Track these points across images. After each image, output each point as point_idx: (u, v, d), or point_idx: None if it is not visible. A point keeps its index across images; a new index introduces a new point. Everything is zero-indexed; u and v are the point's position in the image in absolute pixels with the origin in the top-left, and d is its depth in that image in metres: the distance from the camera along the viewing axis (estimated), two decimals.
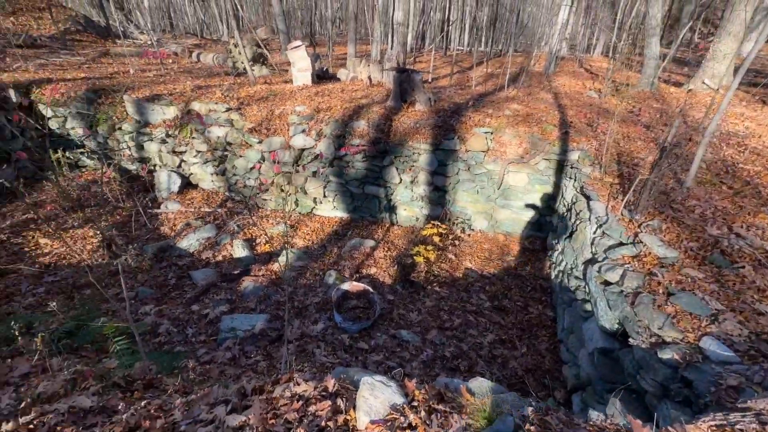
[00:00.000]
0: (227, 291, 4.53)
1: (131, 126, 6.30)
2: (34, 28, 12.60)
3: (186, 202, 6.06)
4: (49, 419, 1.91)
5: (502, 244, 5.75)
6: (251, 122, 5.87)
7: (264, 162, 5.80)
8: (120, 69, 9.07)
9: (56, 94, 6.57)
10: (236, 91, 6.75)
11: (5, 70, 7.70)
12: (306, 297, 4.51)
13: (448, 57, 16.74)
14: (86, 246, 5.02)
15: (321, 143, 5.57)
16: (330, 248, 5.38)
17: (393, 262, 5.11)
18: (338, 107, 6.05)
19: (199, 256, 5.09)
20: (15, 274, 4.42)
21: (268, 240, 5.42)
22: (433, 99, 6.00)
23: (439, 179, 5.55)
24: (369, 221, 5.98)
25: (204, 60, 11.54)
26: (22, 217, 5.44)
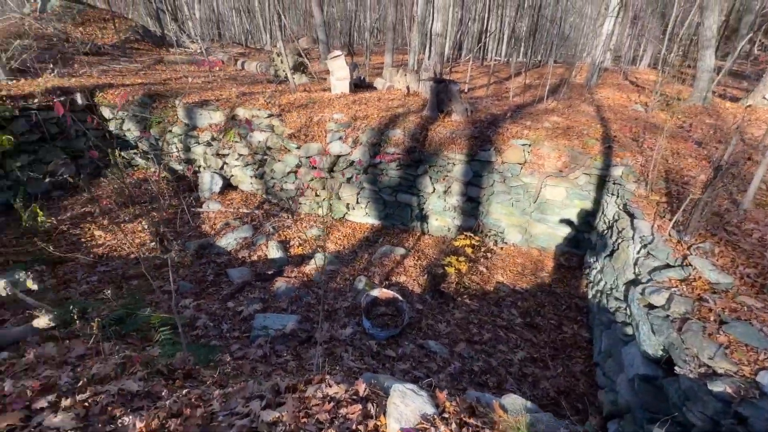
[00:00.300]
0: (261, 290, 4.68)
1: (180, 129, 6.70)
2: (99, 37, 13.72)
3: (226, 202, 6.35)
4: (102, 399, 2.05)
5: (536, 259, 5.59)
6: (291, 128, 6.09)
7: (301, 167, 5.98)
8: (172, 75, 9.70)
9: (117, 98, 7.12)
10: (278, 98, 7.02)
11: (73, 75, 8.44)
12: (336, 301, 4.58)
13: (484, 67, 16.63)
14: (135, 239, 5.36)
15: (357, 150, 5.68)
16: (361, 254, 5.44)
17: (423, 272, 5.09)
18: (375, 116, 6.15)
19: (236, 255, 5.30)
20: (72, 263, 4.79)
21: (301, 243, 5.57)
22: (470, 109, 5.97)
23: (473, 190, 5.50)
24: (400, 229, 6.00)
25: (248, 68, 12.09)
26: (80, 210, 5.90)
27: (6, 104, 6.06)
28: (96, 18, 14.91)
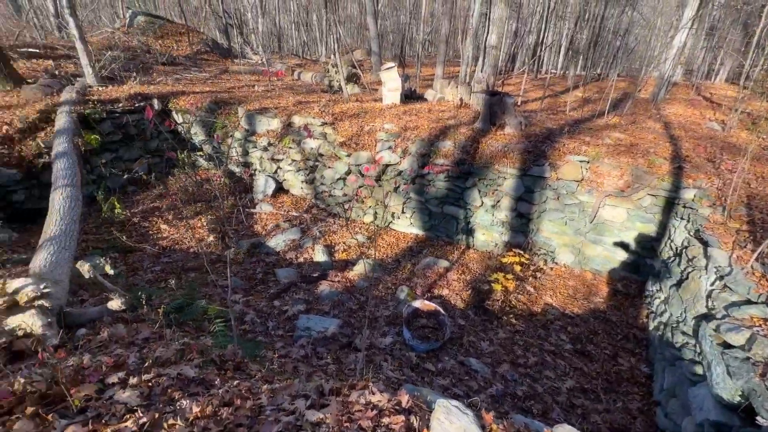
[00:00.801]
0: (305, 292, 4.82)
1: (241, 134, 7.16)
2: (175, 49, 15.06)
3: (277, 204, 6.64)
4: (163, 381, 2.19)
5: (590, 282, 5.25)
6: (342, 137, 6.27)
7: (350, 174, 6.13)
8: (236, 84, 10.41)
9: (187, 105, 7.77)
10: (331, 107, 7.28)
11: (151, 83, 9.33)
12: (377, 309, 4.59)
13: (539, 80, 16.14)
14: (195, 235, 5.76)
15: (405, 160, 5.72)
16: (404, 264, 5.43)
17: (467, 286, 4.97)
18: (425, 127, 6.17)
19: (283, 256, 5.51)
20: (140, 252, 5.24)
21: (346, 248, 5.67)
22: (524, 123, 5.81)
23: (523, 206, 5.31)
24: (444, 241, 5.92)
25: (303, 78, 12.65)
26: (150, 205, 6.46)
27: (96, 108, 6.83)
28: (173, 32, 16.40)
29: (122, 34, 14.62)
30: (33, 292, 2.37)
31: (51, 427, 1.74)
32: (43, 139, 6.12)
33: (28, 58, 10.87)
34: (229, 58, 16.36)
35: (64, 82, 8.64)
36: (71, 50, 12.09)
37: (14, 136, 5.96)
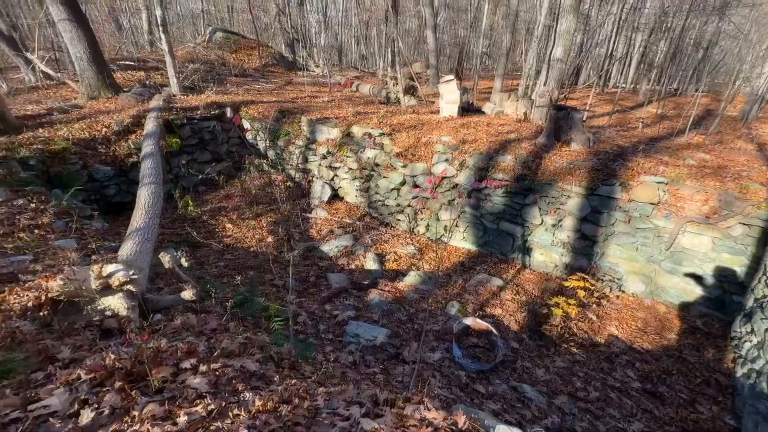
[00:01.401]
0: (355, 298, 4.87)
1: (302, 142, 7.51)
2: (246, 62, 16.27)
3: (332, 211, 6.84)
4: (228, 372, 2.31)
5: (662, 316, 4.75)
6: (399, 147, 6.34)
7: (405, 185, 6.16)
8: (299, 95, 10.98)
9: (255, 113, 8.33)
10: (389, 118, 7.41)
11: (225, 93, 10.14)
12: (426, 322, 4.51)
13: (606, 95, 15.25)
14: (255, 235, 6.09)
15: (462, 174, 5.63)
16: (455, 279, 5.31)
17: (521, 307, 4.73)
18: (484, 140, 6.05)
19: (336, 261, 5.63)
20: (207, 248, 5.64)
21: (397, 258, 5.67)
22: (592, 140, 5.48)
23: (588, 227, 4.97)
24: (498, 259, 5.71)
25: (362, 90, 13.02)
26: (217, 204, 6.96)
27: (179, 114, 7.55)
28: (246, 46, 17.74)
29: (202, 49, 16.10)
30: (124, 278, 2.63)
31: (134, 402, 1.90)
32: (134, 141, 6.86)
33: (125, 70, 12.34)
34: (293, 70, 17.35)
35: (153, 91, 9.67)
36: (159, 63, 13.53)
37: (111, 137, 6.76)
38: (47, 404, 1.82)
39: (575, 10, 9.01)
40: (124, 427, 1.77)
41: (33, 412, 1.78)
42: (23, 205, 4.37)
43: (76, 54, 8.61)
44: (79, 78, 8.97)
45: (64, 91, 10.24)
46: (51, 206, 4.52)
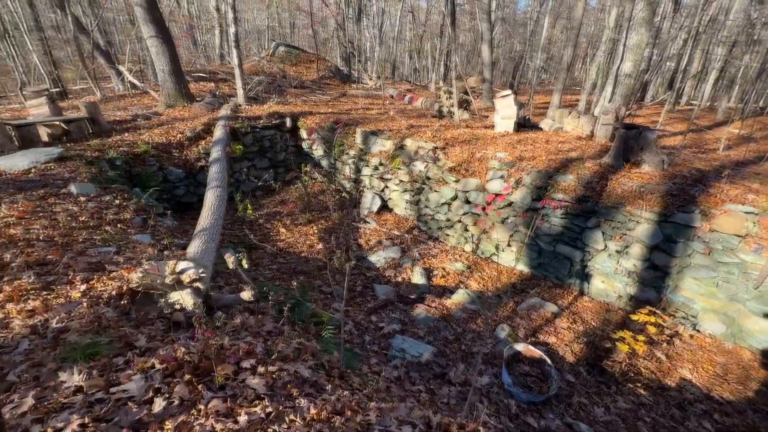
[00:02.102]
0: (401, 312, 4.83)
1: (355, 153, 7.69)
2: (305, 75, 17.10)
3: (381, 222, 6.89)
4: (284, 375, 2.36)
5: (747, 363, 4.20)
6: (452, 162, 6.27)
7: (456, 200, 6.06)
8: (353, 107, 11.30)
9: (311, 123, 8.69)
10: (443, 132, 7.37)
11: (285, 104, 10.69)
12: (473, 343, 4.36)
13: (677, 112, 14.12)
14: (306, 241, 6.29)
15: (518, 192, 5.44)
16: (505, 301, 5.09)
17: (578, 338, 4.41)
18: (542, 158, 5.81)
19: (382, 273, 5.64)
20: (261, 250, 5.90)
21: (444, 275, 5.57)
22: (666, 162, 5.06)
23: (659, 257, 4.55)
24: (553, 283, 5.40)
25: (414, 103, 13.12)
26: (273, 209, 7.30)
27: (243, 123, 8.06)
28: (305, 60, 18.65)
29: (266, 62, 17.18)
30: (194, 275, 2.81)
31: (200, 396, 2.00)
32: (203, 146, 7.42)
33: (197, 81, 13.46)
34: (347, 82, 17.94)
35: (222, 100, 10.44)
36: (228, 75, 14.61)
37: (184, 142, 7.36)
38: (126, 389, 1.97)
39: (648, 22, 8.49)
40: (191, 419, 1.86)
41: (114, 394, 1.93)
42: (109, 201, 4.86)
43: (159, 67, 9.55)
44: (160, 88, 9.91)
45: (146, 100, 11.38)
46: (132, 203, 4.98)
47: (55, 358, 2.13)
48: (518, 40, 29.22)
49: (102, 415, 1.81)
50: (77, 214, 4.28)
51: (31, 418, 1.75)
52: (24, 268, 2.97)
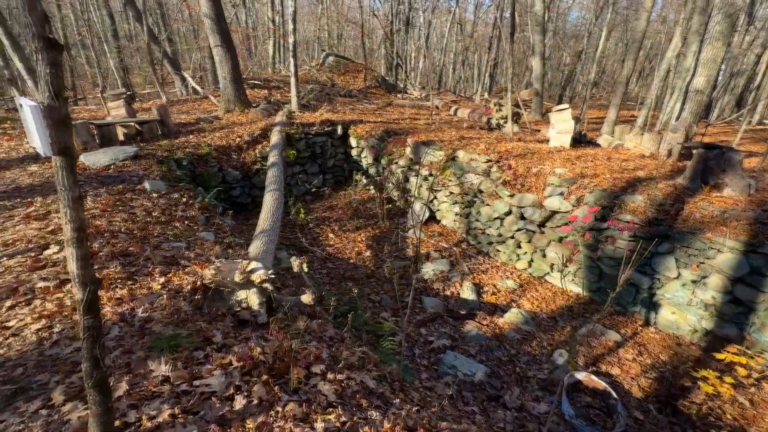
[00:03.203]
0: (451, 327, 4.70)
1: (405, 162, 7.69)
2: (352, 84, 17.48)
3: (428, 233, 6.82)
4: (352, 385, 2.34)
5: None
6: (506, 176, 6.10)
7: (510, 215, 5.87)
8: (399, 116, 11.36)
9: (362, 132, 8.82)
10: (495, 145, 7.21)
11: (335, 112, 10.95)
12: (528, 367, 4.15)
13: (747, 132, 13.00)
14: (354, 248, 6.33)
15: (579, 210, 5.18)
16: (561, 324, 4.83)
17: (646, 372, 4.08)
18: (606, 176, 5.52)
19: (431, 285, 5.55)
20: (311, 254, 6.01)
21: (495, 292, 5.38)
22: (753, 186, 4.62)
23: (743, 291, 4.13)
24: (614, 309, 5.05)
25: (460, 114, 12.97)
26: (322, 214, 7.44)
27: (298, 130, 8.32)
28: (353, 69, 19.09)
29: (315, 71, 17.77)
30: (264, 276, 2.88)
31: (277, 397, 2.01)
32: (260, 150, 7.73)
33: (252, 88, 14.11)
34: (393, 92, 18.14)
35: (276, 107, 10.88)
36: (280, 83, 15.24)
37: (243, 146, 7.71)
38: (209, 383, 2.02)
39: (725, 36, 7.93)
40: (270, 420, 1.87)
41: (198, 388, 1.99)
42: (178, 199, 5.15)
43: (221, 74, 10.12)
44: (221, 94, 10.49)
45: (205, 104, 12.10)
46: (198, 202, 5.25)
47: (143, 347, 2.24)
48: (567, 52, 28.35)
49: (189, 407, 1.86)
50: (150, 209, 4.57)
51: (127, 404, 1.83)
52: (110, 257, 3.19)
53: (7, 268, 2.98)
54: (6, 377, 2.01)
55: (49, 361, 2.12)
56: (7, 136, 7.04)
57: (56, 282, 2.78)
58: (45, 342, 2.25)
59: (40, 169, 5.39)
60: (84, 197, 4.51)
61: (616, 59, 29.46)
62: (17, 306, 2.55)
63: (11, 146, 6.40)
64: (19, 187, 4.76)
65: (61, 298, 2.61)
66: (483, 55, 28.45)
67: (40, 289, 2.70)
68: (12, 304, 2.56)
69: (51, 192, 4.63)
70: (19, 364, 2.10)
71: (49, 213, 4.06)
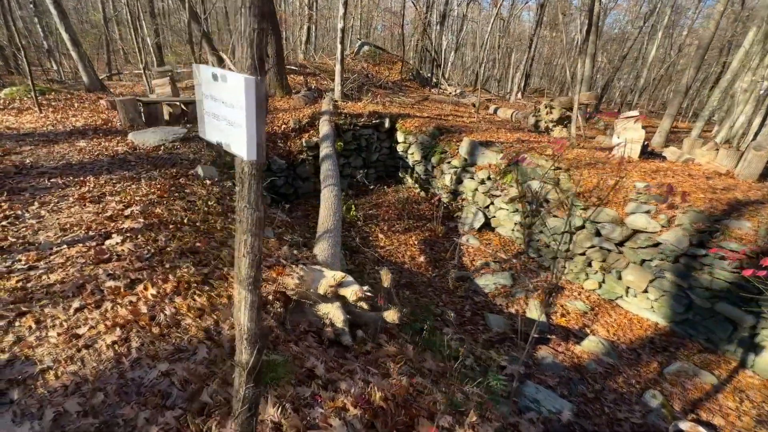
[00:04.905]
0: (522, 351, 4.26)
1: (458, 163, 7.22)
2: (386, 75, 16.93)
3: (483, 241, 6.36)
4: None
5: None
6: (579, 186, 5.58)
7: (583, 230, 5.37)
8: (440, 113, 10.80)
9: (412, 127, 8.35)
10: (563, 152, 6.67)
11: (379, 104, 10.46)
12: (617, 407, 3.69)
13: None
14: (406, 252, 5.92)
15: (669, 232, 4.65)
16: (645, 358, 4.34)
17: (756, 426, 3.58)
18: (698, 195, 4.97)
19: (492, 299, 5.11)
20: (363, 255, 5.62)
21: (564, 313, 4.92)
22: None
23: None
24: (702, 346, 4.54)
25: (502, 114, 12.36)
26: (368, 211, 7.03)
27: (345, 120, 7.90)
28: (387, 60, 18.54)
29: (350, 60, 17.29)
30: (360, 293, 2.49)
31: None
32: (306, 139, 7.35)
33: (288, 74, 13.71)
34: (426, 87, 17.55)
35: (316, 94, 10.48)
36: (315, 70, 14.84)
37: (289, 134, 7.34)
38: None
39: None
40: None
41: None
42: (231, 188, 4.80)
43: None
44: None
45: None
46: None
47: None
48: (606, 56, 27.22)
49: None
50: (206, 197, 4.22)
51: None
52: (179, 254, 2.84)
53: (68, 259, 2.65)
54: (85, 406, 1.66)
55: (132, 387, 1.76)
56: (51, 107, 6.81)
57: (126, 281, 2.43)
58: (124, 360, 1.90)
59: (89, 146, 5.12)
60: (138, 180, 4.20)
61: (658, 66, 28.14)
62: (86, 308, 2.21)
63: (57, 119, 6.15)
64: (70, 164, 4.46)
65: (134, 303, 2.26)
66: (518, 54, 27.49)
67: (109, 288, 2.36)
68: (80, 305, 2.22)
69: (103, 171, 4.32)
70: (98, 388, 1.74)
71: (104, 195, 3.74)
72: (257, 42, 0.71)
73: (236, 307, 0.89)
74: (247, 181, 0.78)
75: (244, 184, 0.78)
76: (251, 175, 0.77)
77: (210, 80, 0.80)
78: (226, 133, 0.79)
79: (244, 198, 0.79)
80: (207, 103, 0.82)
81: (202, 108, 0.83)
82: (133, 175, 4.31)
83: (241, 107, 0.70)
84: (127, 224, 3.16)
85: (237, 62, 0.73)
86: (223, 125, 0.79)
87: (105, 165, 4.52)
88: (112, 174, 4.28)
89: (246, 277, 0.85)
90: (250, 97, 0.69)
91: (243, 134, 0.72)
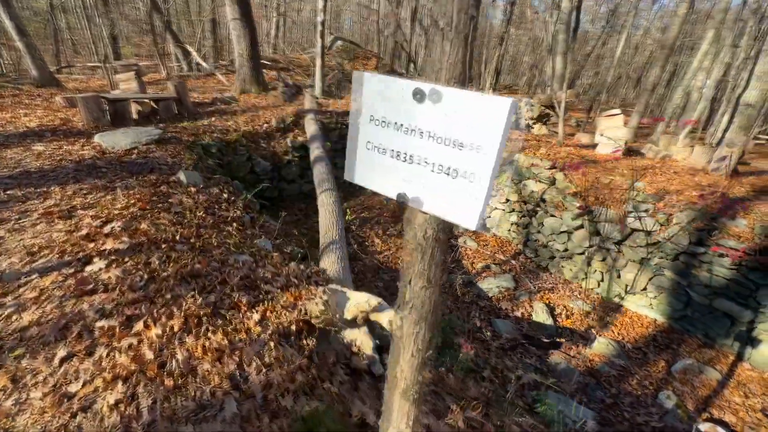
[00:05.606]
0: (536, 358, 4.18)
1: None
2: (362, 70, 16.58)
3: (481, 242, 6.26)
4: None
5: None
6: (575, 185, 5.59)
7: (581, 229, 5.38)
8: None
9: None
10: (548, 150, 6.69)
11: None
12: (635, 411, 3.68)
13: None
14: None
15: (668, 230, 4.73)
16: (652, 357, 4.39)
17: (763, 420, 3.68)
18: (691, 193, 5.09)
19: (497, 303, 5.01)
20: (361, 262, 5.34)
21: (568, 314, 4.90)
22: None
23: None
24: (700, 341, 4.66)
25: None
26: (362, 214, 6.74)
27: (332, 119, 7.55)
28: (362, 56, 18.16)
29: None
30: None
31: None
32: (291, 139, 6.93)
33: None
34: None
35: (294, 90, 10.00)
36: (288, 64, 14.24)
37: (273, 134, 6.89)
38: None
39: None
40: None
41: None
42: (218, 195, 4.36)
43: (238, 50, 9.14)
44: (237, 72, 9.51)
45: (212, 82, 11.04)
46: (240, 199, 4.48)
47: None
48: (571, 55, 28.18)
49: None
50: (193, 208, 3.78)
51: None
52: (179, 279, 2.45)
53: (42, 292, 2.21)
54: None
55: None
56: None
57: (122, 319, 2.04)
58: (134, 425, 1.54)
59: (48, 149, 4.49)
60: (112, 189, 3.69)
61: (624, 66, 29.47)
62: (75, 357, 1.81)
63: (5, 118, 5.39)
64: (28, 172, 3.86)
65: (136, 347, 1.89)
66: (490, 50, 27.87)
67: (101, 329, 1.96)
68: (67, 353, 1.82)
69: (69, 180, 3.77)
70: None
71: (74, 209, 3.23)
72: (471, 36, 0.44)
73: (384, 420, 0.62)
74: (430, 249, 0.52)
75: (425, 253, 0.52)
76: (436, 240, 0.52)
77: (404, 99, 0.53)
78: (435, 188, 0.52)
79: (422, 274, 0.53)
80: (387, 135, 0.54)
81: (366, 139, 0.56)
82: (106, 184, 3.79)
83: (492, 151, 0.44)
84: (109, 244, 2.71)
85: (430, 65, 0.46)
86: (430, 174, 0.52)
87: (71, 172, 3.95)
88: (80, 183, 3.74)
89: (412, 383, 0.59)
90: (506, 130, 0.43)
91: (482, 192, 0.46)
